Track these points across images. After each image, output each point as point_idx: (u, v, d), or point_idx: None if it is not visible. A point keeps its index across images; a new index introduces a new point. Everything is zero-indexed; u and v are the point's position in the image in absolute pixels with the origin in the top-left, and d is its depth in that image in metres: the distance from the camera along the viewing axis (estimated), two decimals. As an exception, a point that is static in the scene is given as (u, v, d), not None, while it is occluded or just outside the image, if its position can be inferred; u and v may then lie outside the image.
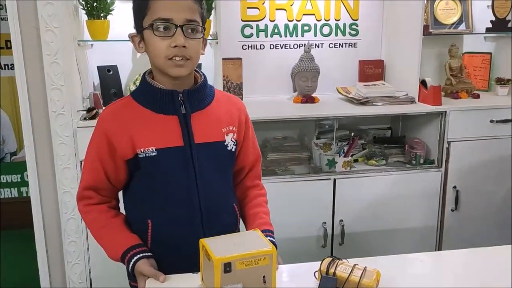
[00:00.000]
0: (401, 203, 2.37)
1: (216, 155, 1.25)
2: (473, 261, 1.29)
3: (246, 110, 1.35)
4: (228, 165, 1.30)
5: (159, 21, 1.15)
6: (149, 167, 1.20)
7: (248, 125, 1.34)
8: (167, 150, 1.19)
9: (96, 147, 1.23)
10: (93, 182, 1.24)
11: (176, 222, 1.23)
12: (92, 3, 2.18)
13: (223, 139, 1.26)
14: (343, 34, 2.69)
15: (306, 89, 2.50)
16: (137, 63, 2.49)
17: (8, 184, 3.35)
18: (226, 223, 1.29)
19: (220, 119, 1.26)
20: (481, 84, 2.81)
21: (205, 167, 1.22)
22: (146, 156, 1.18)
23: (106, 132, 1.20)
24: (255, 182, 1.40)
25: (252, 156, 1.36)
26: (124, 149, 1.19)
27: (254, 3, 2.56)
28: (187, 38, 1.16)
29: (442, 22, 2.74)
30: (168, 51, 1.15)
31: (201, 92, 1.25)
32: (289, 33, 2.63)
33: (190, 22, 1.16)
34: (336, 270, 1.09)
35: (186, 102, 1.21)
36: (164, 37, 1.15)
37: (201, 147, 1.22)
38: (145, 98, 1.22)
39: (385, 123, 2.76)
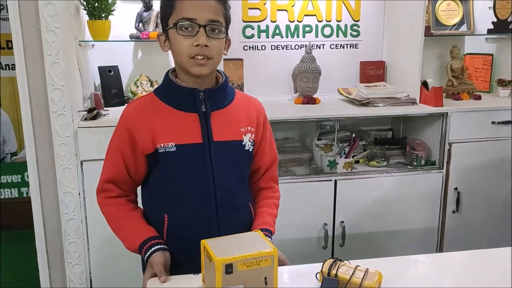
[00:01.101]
0: (402, 205, 2.36)
1: (234, 154, 1.28)
2: (474, 263, 1.29)
3: (265, 111, 1.38)
4: (245, 165, 1.33)
5: (183, 20, 1.18)
6: (168, 162, 1.23)
7: (266, 126, 1.37)
8: (186, 146, 1.22)
9: (118, 141, 1.27)
10: (114, 175, 1.28)
11: (191, 217, 1.26)
12: (94, 3, 2.19)
13: (241, 139, 1.28)
14: (344, 35, 2.69)
15: (307, 90, 2.50)
16: (138, 63, 2.50)
17: (8, 185, 3.35)
18: (241, 221, 1.32)
19: (239, 119, 1.29)
20: (483, 86, 2.81)
21: (222, 165, 1.25)
22: (165, 151, 1.22)
23: (128, 127, 1.24)
24: (269, 184, 1.42)
25: (268, 157, 1.39)
26: (145, 144, 1.23)
27: (255, 3, 2.56)
28: (210, 38, 1.19)
29: (443, 23, 2.74)
30: (190, 49, 1.19)
31: (221, 91, 1.28)
32: (290, 34, 2.63)
33: (213, 22, 1.20)
34: (338, 272, 1.09)
35: (207, 100, 1.25)
36: (187, 36, 1.19)
37: (219, 145, 1.25)
38: (167, 95, 1.26)
39: (386, 124, 2.76)
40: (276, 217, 1.39)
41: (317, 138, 2.46)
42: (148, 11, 2.35)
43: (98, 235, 2.11)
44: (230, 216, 1.28)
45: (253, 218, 1.36)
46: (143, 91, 2.36)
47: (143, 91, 2.36)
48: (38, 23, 1.93)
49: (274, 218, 1.38)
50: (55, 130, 2.00)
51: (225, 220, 1.27)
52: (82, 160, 2.04)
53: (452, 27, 2.75)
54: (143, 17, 2.35)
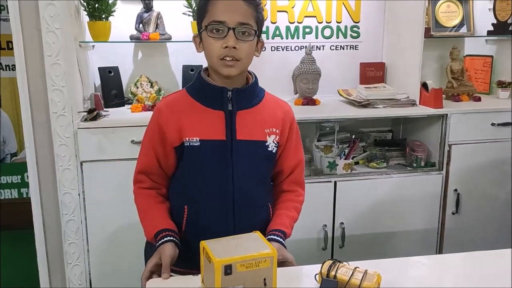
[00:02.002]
0: (402, 206, 2.37)
1: (256, 153, 1.31)
2: (474, 264, 1.29)
3: (293, 115, 1.40)
4: (267, 165, 1.36)
5: (214, 23, 1.23)
6: (192, 156, 1.28)
7: (292, 129, 1.39)
8: (209, 142, 1.27)
9: (150, 135, 1.33)
10: (146, 166, 1.34)
11: (209, 211, 1.30)
12: (94, 4, 2.19)
13: (265, 139, 1.32)
14: (344, 36, 2.69)
15: (307, 91, 2.50)
16: (138, 64, 2.50)
17: (8, 185, 3.35)
18: (258, 220, 1.35)
19: (265, 120, 1.32)
20: (482, 87, 2.81)
21: (243, 164, 1.29)
22: (190, 145, 1.27)
23: (159, 121, 1.30)
24: (292, 187, 1.44)
25: (292, 160, 1.41)
26: (173, 137, 1.28)
27: (256, 5, 2.56)
28: (239, 40, 1.23)
29: (443, 25, 2.74)
30: (219, 51, 1.23)
31: (249, 92, 1.32)
32: (291, 35, 2.63)
33: (242, 25, 1.23)
34: (336, 273, 1.09)
35: (234, 99, 1.28)
36: (217, 38, 1.23)
37: (241, 144, 1.28)
38: (197, 92, 1.31)
39: (386, 126, 2.76)
40: (295, 220, 1.41)
41: (317, 139, 2.46)
42: (148, 12, 2.35)
43: (97, 236, 2.12)
44: (246, 214, 1.31)
45: (271, 218, 1.39)
46: (143, 92, 2.36)
47: (143, 92, 2.36)
48: (38, 24, 1.93)
49: (292, 220, 1.40)
50: (55, 131, 2.00)
51: (240, 218, 1.30)
52: (82, 161, 2.04)
53: (452, 29, 2.75)
54: (144, 18, 2.35)
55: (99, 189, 2.07)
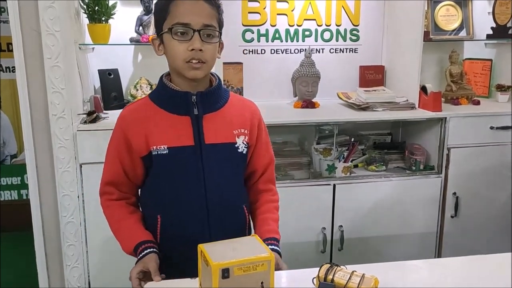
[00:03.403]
0: (401, 209, 2.37)
1: (226, 156, 1.29)
2: (472, 268, 1.29)
3: (260, 114, 1.39)
4: (239, 167, 1.34)
5: (178, 25, 1.20)
6: (161, 164, 1.25)
7: (261, 128, 1.38)
8: (178, 148, 1.24)
9: (115, 144, 1.30)
10: (113, 177, 1.31)
11: (183, 219, 1.27)
12: (94, 6, 2.19)
13: (234, 141, 1.29)
14: (343, 39, 2.70)
15: (307, 94, 2.50)
16: (138, 67, 2.50)
17: (8, 187, 3.35)
18: (234, 223, 1.33)
19: (232, 121, 1.30)
20: (482, 91, 2.81)
21: (214, 168, 1.27)
22: (158, 154, 1.24)
23: (124, 130, 1.27)
24: (267, 186, 1.43)
25: (264, 159, 1.39)
26: (139, 146, 1.25)
27: (255, 7, 2.57)
28: (204, 42, 1.21)
29: (442, 28, 2.75)
30: (185, 54, 1.20)
31: (214, 94, 1.30)
32: (290, 38, 2.64)
33: (207, 27, 1.21)
34: (334, 277, 1.09)
35: (199, 103, 1.26)
36: (182, 41, 1.20)
37: (211, 147, 1.26)
38: (160, 99, 1.28)
39: (385, 129, 2.76)
40: (278, 221, 1.40)
41: (316, 142, 2.46)
42: (148, 14, 2.35)
43: (96, 238, 2.12)
44: (221, 218, 1.29)
45: (247, 220, 1.37)
46: (142, 94, 2.36)
47: (142, 94, 2.36)
48: (38, 26, 1.93)
49: (277, 223, 1.39)
50: (54, 133, 2.01)
51: (216, 222, 1.28)
52: (81, 163, 2.04)
53: (451, 32, 2.75)
54: (143, 21, 2.35)
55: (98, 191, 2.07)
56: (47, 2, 1.90)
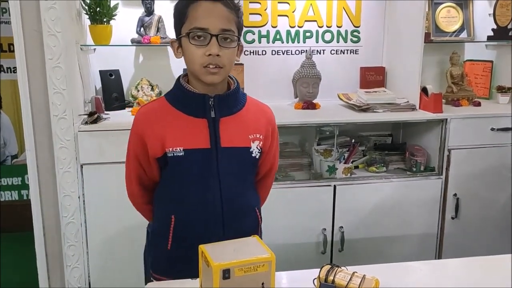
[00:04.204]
0: (401, 210, 2.37)
1: (241, 160, 1.30)
2: (473, 270, 1.29)
3: (275, 121, 1.39)
4: (251, 171, 1.36)
5: (196, 30, 1.20)
6: (176, 166, 1.26)
7: (274, 137, 1.39)
8: (193, 151, 1.25)
9: (132, 146, 1.32)
10: (135, 177, 1.34)
11: (196, 220, 1.28)
12: (95, 7, 2.20)
13: (249, 146, 1.30)
14: (344, 40, 2.70)
15: (307, 95, 2.50)
16: (139, 67, 2.51)
17: (8, 187, 3.35)
18: (246, 225, 1.34)
19: (248, 126, 1.30)
20: (482, 92, 2.81)
21: (229, 171, 1.27)
22: (174, 155, 1.24)
23: (140, 132, 1.28)
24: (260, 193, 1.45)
25: (269, 165, 1.42)
26: (154, 148, 1.26)
27: (256, 9, 2.57)
28: (222, 47, 1.20)
29: (443, 30, 2.75)
30: (202, 59, 1.20)
31: (232, 98, 1.29)
32: (291, 39, 2.64)
33: (225, 31, 1.21)
34: (335, 278, 1.09)
35: (216, 106, 1.26)
36: (200, 46, 1.20)
37: (226, 151, 1.26)
38: (177, 100, 1.28)
39: (385, 130, 2.76)
40: None
41: (317, 143, 2.46)
42: (149, 16, 2.36)
43: (97, 238, 2.12)
44: (235, 221, 1.30)
45: (259, 222, 1.38)
46: (143, 95, 2.37)
47: (143, 95, 2.37)
48: (39, 26, 1.93)
49: None
50: (55, 134, 2.01)
51: (230, 224, 1.29)
52: (82, 164, 2.04)
53: (452, 34, 2.76)
54: (145, 22, 2.36)
55: (99, 192, 2.07)
56: (49, 3, 1.90)
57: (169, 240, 1.30)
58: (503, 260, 1.30)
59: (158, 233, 1.35)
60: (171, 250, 1.30)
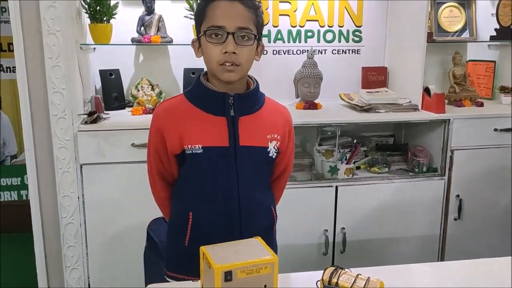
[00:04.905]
0: (403, 211, 2.35)
1: (258, 159, 1.30)
2: (476, 272, 1.27)
3: (292, 122, 1.40)
4: (268, 170, 1.37)
5: (212, 28, 1.21)
6: (194, 163, 1.27)
7: (291, 137, 1.39)
8: (212, 148, 1.25)
9: (153, 142, 1.32)
10: (156, 170, 1.35)
11: (215, 218, 1.29)
12: (95, 6, 2.18)
13: (266, 145, 1.30)
14: (346, 40, 2.68)
15: (309, 95, 2.49)
16: (139, 67, 2.49)
17: (8, 187, 3.34)
18: (263, 223, 1.36)
19: (266, 125, 1.31)
20: (485, 92, 2.80)
21: (246, 170, 1.28)
22: (192, 153, 1.25)
23: (159, 128, 1.29)
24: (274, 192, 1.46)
25: (284, 166, 1.42)
26: (173, 145, 1.27)
27: (258, 8, 2.55)
28: (238, 45, 1.21)
29: (446, 30, 2.74)
30: (219, 57, 1.21)
31: (251, 97, 1.30)
32: (292, 39, 2.62)
33: (242, 29, 1.21)
34: (338, 280, 1.07)
35: (236, 105, 1.27)
36: (216, 44, 1.21)
37: (244, 149, 1.27)
38: (197, 98, 1.29)
39: (387, 130, 2.75)
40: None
41: (318, 143, 2.45)
42: (150, 15, 2.34)
43: (96, 239, 2.10)
44: (252, 218, 1.31)
45: (274, 220, 1.40)
46: (144, 95, 2.35)
47: (144, 95, 2.35)
48: (39, 26, 1.92)
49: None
50: (55, 133, 1.99)
51: (247, 222, 1.30)
52: (82, 164, 2.03)
53: (454, 34, 2.74)
54: (145, 21, 2.35)
55: (99, 192, 2.06)
56: (48, 2, 1.89)
57: (187, 236, 1.31)
58: (505, 262, 1.28)
59: (175, 229, 1.36)
60: (189, 246, 1.30)
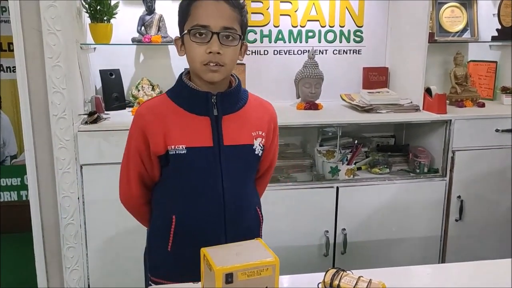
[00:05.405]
0: (404, 212, 2.34)
1: (243, 158, 1.29)
2: (478, 274, 1.27)
3: (276, 118, 1.38)
4: (253, 169, 1.35)
5: (197, 27, 1.19)
6: (178, 164, 1.24)
7: (275, 133, 1.38)
8: (196, 149, 1.23)
9: (134, 143, 1.28)
10: (137, 175, 1.30)
11: (199, 220, 1.27)
12: (96, 6, 2.18)
13: (251, 143, 1.29)
14: (347, 40, 2.68)
15: (310, 96, 2.48)
16: (140, 67, 2.49)
17: (8, 187, 3.33)
18: (248, 224, 1.34)
19: (251, 123, 1.30)
20: (486, 93, 2.79)
21: (232, 169, 1.26)
22: (176, 153, 1.23)
23: (142, 128, 1.26)
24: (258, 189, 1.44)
25: (268, 162, 1.40)
26: (157, 145, 1.24)
27: (259, 8, 2.55)
28: (223, 45, 1.19)
29: (447, 30, 2.73)
30: (203, 56, 1.20)
31: (234, 95, 1.29)
32: (293, 39, 2.62)
33: (227, 29, 1.20)
34: (340, 282, 1.06)
35: (219, 104, 1.25)
36: (201, 43, 1.20)
37: (229, 149, 1.25)
38: (179, 98, 1.27)
39: (389, 131, 2.74)
40: None
41: (319, 144, 2.44)
42: (150, 14, 2.34)
43: (96, 240, 2.10)
44: (237, 219, 1.29)
45: (260, 221, 1.38)
46: (144, 95, 2.35)
47: (144, 95, 2.35)
48: (39, 25, 1.92)
49: None
50: (55, 134, 1.99)
51: (232, 223, 1.28)
52: (82, 164, 2.02)
53: (456, 34, 2.74)
54: (145, 21, 2.34)
55: (99, 193, 2.05)
56: (49, 1, 1.88)
57: (170, 241, 1.28)
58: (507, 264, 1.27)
59: (158, 234, 1.33)
60: (172, 251, 1.28)
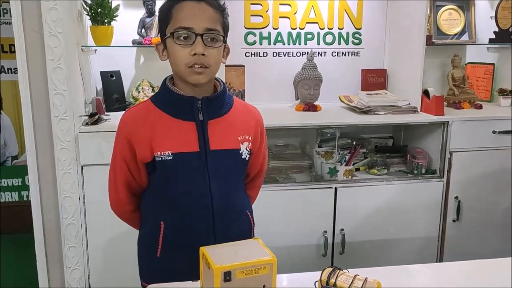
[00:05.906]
0: (402, 213, 2.36)
1: (230, 162, 1.28)
2: (474, 273, 1.28)
3: (263, 122, 1.37)
4: (241, 173, 1.34)
5: (180, 29, 1.18)
6: (165, 170, 1.23)
7: (263, 137, 1.37)
8: (182, 154, 1.22)
9: (120, 151, 1.28)
10: (124, 184, 1.30)
11: (188, 226, 1.26)
12: (96, 8, 2.19)
13: (238, 147, 1.28)
14: (346, 42, 2.70)
15: (309, 97, 2.50)
16: (140, 69, 2.50)
17: (8, 188, 3.34)
18: (239, 229, 1.31)
19: (237, 127, 1.29)
20: (484, 95, 2.81)
21: (219, 174, 1.25)
22: (162, 160, 1.21)
23: (127, 136, 1.25)
24: (250, 193, 1.43)
25: (258, 166, 1.39)
26: (143, 153, 1.23)
27: (258, 10, 2.57)
28: (207, 47, 1.19)
29: (445, 32, 2.75)
30: (188, 59, 1.19)
31: (219, 100, 1.27)
32: (292, 41, 2.64)
33: (210, 31, 1.19)
34: (336, 281, 1.08)
35: (204, 109, 1.24)
36: (185, 45, 1.19)
37: (216, 153, 1.24)
38: (164, 103, 1.25)
39: (387, 132, 2.76)
40: None
41: (318, 145, 2.46)
42: (150, 17, 2.36)
43: (97, 240, 2.11)
44: (227, 224, 1.28)
45: (251, 225, 1.36)
46: (144, 97, 2.36)
47: (144, 97, 2.36)
48: (41, 27, 1.93)
49: None
50: (56, 135, 2.00)
51: (221, 228, 1.26)
52: (83, 165, 2.04)
53: (453, 36, 2.75)
54: (146, 23, 2.36)
55: (100, 193, 2.05)
56: (50, 4, 1.90)
57: (159, 247, 1.27)
58: (504, 263, 1.29)
59: (146, 241, 1.33)
60: (161, 257, 1.28)
